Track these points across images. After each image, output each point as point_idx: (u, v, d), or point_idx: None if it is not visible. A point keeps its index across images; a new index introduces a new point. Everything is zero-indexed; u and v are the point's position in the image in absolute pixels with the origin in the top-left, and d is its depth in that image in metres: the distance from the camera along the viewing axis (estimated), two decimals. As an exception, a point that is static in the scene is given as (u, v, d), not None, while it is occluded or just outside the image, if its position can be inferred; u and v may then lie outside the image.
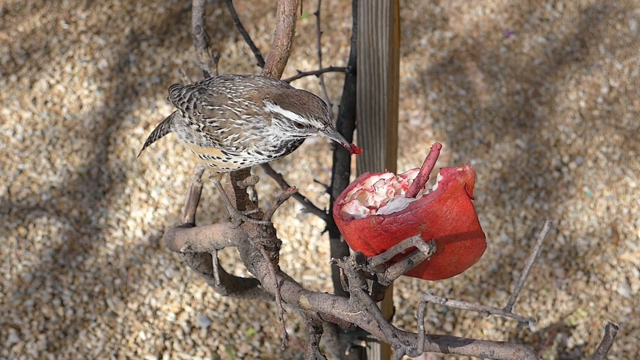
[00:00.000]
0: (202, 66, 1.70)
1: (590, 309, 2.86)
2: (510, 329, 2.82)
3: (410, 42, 3.58)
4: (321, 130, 1.26)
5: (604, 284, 2.92)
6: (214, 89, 1.31)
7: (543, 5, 3.68)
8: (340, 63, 3.50)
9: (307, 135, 1.28)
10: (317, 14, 1.91)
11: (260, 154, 1.30)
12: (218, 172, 1.37)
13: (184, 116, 1.33)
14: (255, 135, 1.28)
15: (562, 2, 3.69)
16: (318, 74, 1.88)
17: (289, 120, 1.26)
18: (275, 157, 1.31)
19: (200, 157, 1.35)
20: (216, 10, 3.67)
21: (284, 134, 1.27)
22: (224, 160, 1.32)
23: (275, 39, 1.43)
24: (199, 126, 1.31)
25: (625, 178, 3.17)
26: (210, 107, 1.29)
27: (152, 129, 3.29)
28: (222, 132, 1.29)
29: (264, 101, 1.28)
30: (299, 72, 1.84)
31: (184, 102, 1.33)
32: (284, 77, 3.17)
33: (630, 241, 3.01)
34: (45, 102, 3.35)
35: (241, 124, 1.28)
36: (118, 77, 3.44)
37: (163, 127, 1.44)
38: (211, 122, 1.29)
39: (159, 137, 1.45)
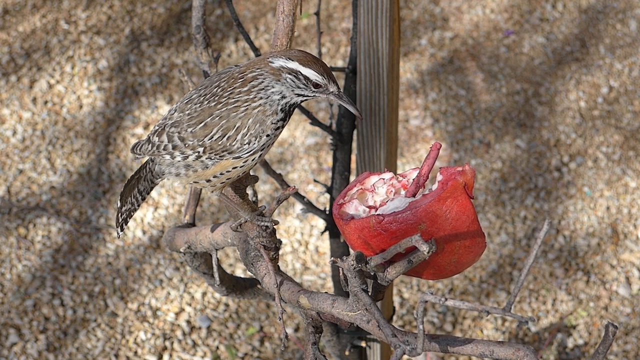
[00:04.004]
0: (202, 66, 1.70)
1: (590, 309, 2.86)
2: (510, 329, 2.82)
3: (410, 42, 3.58)
4: (334, 94, 1.23)
5: (604, 284, 2.92)
6: (188, 112, 1.27)
7: (543, 5, 3.68)
8: (340, 63, 3.50)
9: (314, 97, 1.23)
10: (317, 14, 1.91)
11: (269, 135, 1.25)
12: (219, 185, 1.33)
13: (173, 158, 1.29)
14: (263, 105, 1.23)
15: (562, 2, 3.69)
16: (318, 73, 1.88)
17: (306, 78, 1.22)
18: (282, 125, 1.25)
19: (207, 181, 1.30)
20: (216, 10, 3.67)
21: (292, 91, 1.23)
22: (240, 167, 1.28)
23: (274, 38, 1.43)
24: (199, 152, 1.26)
25: (625, 178, 3.17)
26: (203, 125, 1.25)
27: (152, 129, 3.28)
28: (229, 138, 1.24)
29: (269, 59, 1.24)
30: (299, 72, 1.84)
31: (166, 146, 1.28)
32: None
33: (630, 241, 3.01)
34: (45, 102, 3.35)
35: (246, 107, 1.23)
36: (118, 77, 3.44)
37: (142, 190, 1.36)
38: (211, 138, 1.25)
39: (143, 199, 1.38)
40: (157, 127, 1.31)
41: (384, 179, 1.24)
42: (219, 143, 1.26)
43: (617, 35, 3.59)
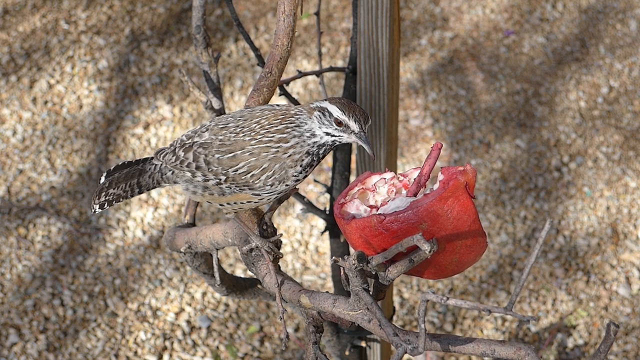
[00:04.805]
0: (202, 66, 1.70)
1: (590, 309, 2.86)
2: (510, 329, 2.82)
3: (410, 42, 3.58)
4: (355, 134, 1.28)
5: (604, 284, 2.92)
6: (221, 137, 1.29)
7: (543, 5, 3.68)
8: (340, 63, 3.50)
9: (340, 137, 1.28)
10: (317, 14, 1.91)
11: (287, 185, 1.29)
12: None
13: (194, 176, 1.31)
14: (294, 147, 1.27)
15: (562, 2, 3.70)
16: (318, 74, 1.88)
17: (330, 114, 1.27)
18: (307, 171, 1.29)
19: (221, 205, 1.33)
20: (216, 10, 3.67)
21: (319, 127, 1.28)
22: (255, 202, 1.31)
23: (275, 38, 1.43)
24: (220, 179, 1.29)
25: (625, 178, 3.17)
26: (232, 155, 1.28)
27: (152, 129, 3.29)
28: (252, 176, 1.27)
29: (314, 101, 1.30)
30: (299, 72, 1.84)
31: (190, 164, 1.31)
32: (284, 77, 3.17)
33: (630, 241, 3.01)
34: (45, 102, 3.35)
35: (277, 149, 1.27)
36: (118, 77, 3.44)
37: (142, 184, 1.37)
38: (235, 170, 1.28)
39: (140, 193, 1.38)
40: (185, 140, 1.32)
41: (385, 178, 1.24)
42: (242, 177, 1.28)
43: (617, 35, 3.59)
